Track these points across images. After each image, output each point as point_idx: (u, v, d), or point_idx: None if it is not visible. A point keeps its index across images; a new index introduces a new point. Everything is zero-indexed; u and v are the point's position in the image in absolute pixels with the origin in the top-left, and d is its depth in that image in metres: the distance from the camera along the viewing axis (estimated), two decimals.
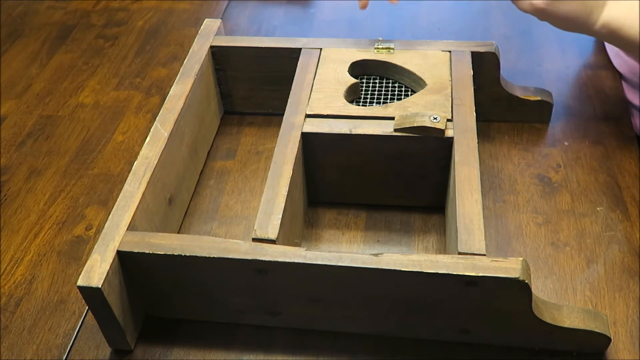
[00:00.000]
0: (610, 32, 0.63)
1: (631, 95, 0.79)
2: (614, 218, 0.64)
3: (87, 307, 0.60)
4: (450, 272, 0.48)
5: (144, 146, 0.61)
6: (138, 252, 0.52)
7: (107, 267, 0.51)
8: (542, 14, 0.63)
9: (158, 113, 0.64)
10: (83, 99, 0.85)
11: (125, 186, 0.57)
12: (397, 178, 0.64)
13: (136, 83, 0.87)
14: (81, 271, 0.51)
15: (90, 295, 0.50)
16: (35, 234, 0.68)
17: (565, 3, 0.62)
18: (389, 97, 0.67)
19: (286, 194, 0.56)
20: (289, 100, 0.65)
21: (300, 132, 0.61)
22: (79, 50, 0.94)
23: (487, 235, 0.62)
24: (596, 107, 0.76)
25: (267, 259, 0.50)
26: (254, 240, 0.53)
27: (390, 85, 0.69)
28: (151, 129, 0.63)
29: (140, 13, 1.01)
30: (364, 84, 0.69)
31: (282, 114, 0.63)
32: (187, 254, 0.51)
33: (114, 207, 0.56)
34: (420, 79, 0.66)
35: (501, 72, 0.70)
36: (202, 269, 0.52)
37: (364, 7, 0.71)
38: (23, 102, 0.85)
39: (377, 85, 0.69)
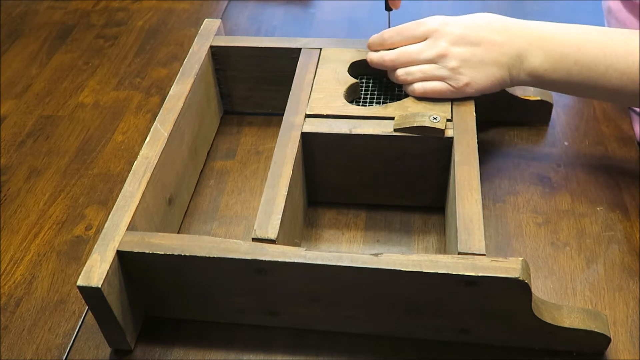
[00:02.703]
0: (536, 78, 0.61)
1: None
2: (613, 218, 0.64)
3: (87, 307, 0.60)
4: (450, 272, 0.48)
5: (143, 146, 0.61)
6: (138, 252, 0.52)
7: (107, 267, 0.51)
8: (463, 94, 0.62)
9: (158, 113, 0.64)
10: (83, 99, 0.85)
11: (125, 186, 0.57)
12: (397, 178, 0.64)
13: (136, 83, 0.87)
14: (81, 271, 0.51)
15: (90, 295, 0.50)
16: (35, 234, 0.68)
17: (485, 73, 0.61)
18: (389, 97, 0.67)
19: (286, 194, 0.56)
20: (288, 100, 0.65)
21: (300, 132, 0.61)
22: (79, 50, 0.94)
23: (487, 235, 0.62)
24: (596, 107, 0.76)
25: (267, 259, 0.50)
26: (254, 240, 0.53)
27: (390, 85, 0.69)
28: (151, 129, 0.63)
29: (140, 13, 1.01)
30: (364, 84, 0.69)
31: (282, 114, 0.63)
32: (187, 254, 0.51)
33: (114, 207, 0.56)
34: None
35: None
36: (202, 269, 0.52)
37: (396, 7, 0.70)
38: (23, 102, 0.85)
39: (377, 85, 0.69)
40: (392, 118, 0.61)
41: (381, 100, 0.67)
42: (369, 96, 0.68)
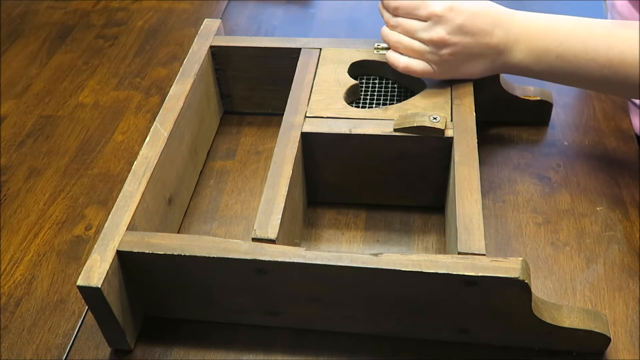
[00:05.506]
0: (517, 70, 0.63)
1: None
2: (613, 218, 0.64)
3: (86, 307, 0.60)
4: (450, 272, 0.48)
5: (143, 146, 0.61)
6: (138, 252, 0.52)
7: (107, 267, 0.51)
8: (443, 78, 0.64)
9: (158, 113, 0.64)
10: (83, 99, 0.85)
11: (125, 186, 0.57)
12: (397, 178, 0.64)
13: (136, 83, 0.87)
14: (81, 271, 0.51)
15: (90, 295, 0.50)
16: (35, 234, 0.68)
17: (469, 63, 0.63)
18: (389, 97, 0.67)
19: (286, 193, 0.56)
20: (288, 100, 0.65)
21: (300, 132, 0.61)
22: (79, 50, 0.94)
23: (487, 235, 0.62)
24: (596, 106, 0.76)
25: (266, 259, 0.50)
26: (254, 240, 0.53)
27: (390, 85, 0.69)
28: (151, 129, 0.63)
29: (140, 13, 1.01)
30: (364, 84, 0.69)
31: (282, 114, 0.63)
32: (187, 254, 0.51)
33: (114, 207, 0.56)
34: (420, 79, 0.66)
35: None
36: (202, 269, 0.52)
37: None
38: (23, 102, 0.85)
39: (377, 85, 0.69)
40: (392, 120, 0.61)
41: (381, 101, 0.67)
42: (368, 97, 0.68)
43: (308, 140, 0.62)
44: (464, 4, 0.61)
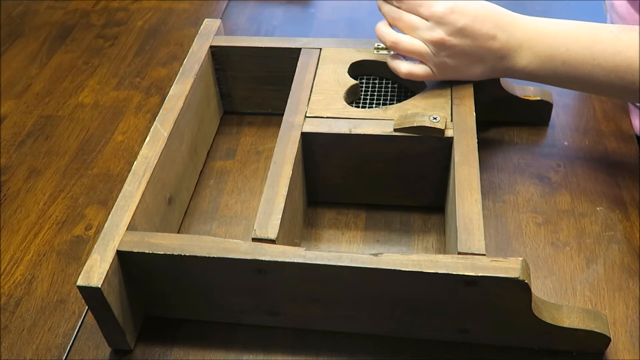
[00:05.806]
0: (521, 74, 0.63)
1: None
2: (613, 218, 0.64)
3: (86, 307, 0.60)
4: (450, 272, 0.48)
5: (143, 146, 0.61)
6: (138, 252, 0.52)
7: (107, 267, 0.51)
8: (443, 79, 0.64)
9: (158, 113, 0.64)
10: (83, 99, 0.85)
11: (125, 186, 0.57)
12: (397, 178, 0.64)
13: (136, 83, 0.87)
14: (81, 271, 0.51)
15: (90, 295, 0.50)
16: (35, 233, 0.68)
17: (469, 66, 0.62)
18: (389, 97, 0.67)
19: (286, 193, 0.56)
20: (288, 100, 0.65)
21: (300, 132, 0.61)
22: (79, 50, 0.94)
23: (486, 235, 0.62)
24: (596, 107, 0.76)
25: (266, 259, 0.50)
26: (254, 240, 0.53)
27: (390, 85, 0.69)
28: (151, 129, 0.63)
29: (140, 13, 1.01)
30: (364, 84, 0.69)
31: (282, 114, 0.63)
32: (187, 254, 0.51)
33: (114, 207, 0.56)
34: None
35: None
36: (202, 268, 0.52)
37: None
38: (23, 102, 0.85)
39: (377, 85, 0.69)
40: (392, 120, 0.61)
41: (381, 101, 0.67)
42: (368, 97, 0.68)
43: (308, 140, 0.62)
44: (466, 6, 0.60)
